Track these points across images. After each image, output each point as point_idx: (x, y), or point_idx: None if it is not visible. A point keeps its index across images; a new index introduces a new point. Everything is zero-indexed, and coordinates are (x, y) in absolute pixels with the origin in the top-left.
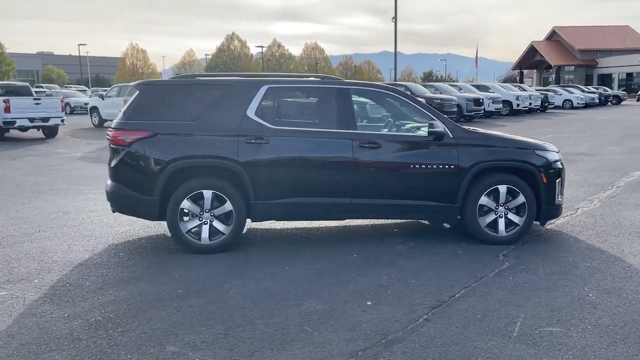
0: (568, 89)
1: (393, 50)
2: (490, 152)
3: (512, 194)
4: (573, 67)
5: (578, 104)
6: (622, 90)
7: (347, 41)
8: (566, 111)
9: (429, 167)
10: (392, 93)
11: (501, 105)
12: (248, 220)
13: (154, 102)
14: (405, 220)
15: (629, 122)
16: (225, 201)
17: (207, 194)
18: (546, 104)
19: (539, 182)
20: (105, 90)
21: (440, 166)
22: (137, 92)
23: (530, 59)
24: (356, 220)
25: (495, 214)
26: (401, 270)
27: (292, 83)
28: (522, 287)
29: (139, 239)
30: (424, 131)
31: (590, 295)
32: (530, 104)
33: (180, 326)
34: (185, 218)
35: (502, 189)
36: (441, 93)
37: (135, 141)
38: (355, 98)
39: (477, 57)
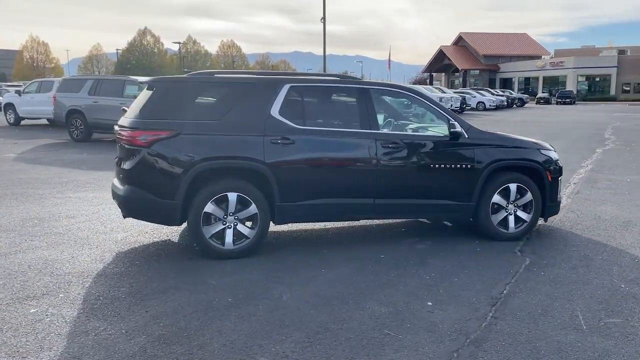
0: (480, 92)
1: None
2: (501, 151)
3: (520, 192)
4: (478, 71)
5: (490, 105)
6: (522, 94)
7: (258, 40)
8: (481, 112)
9: (448, 167)
10: (409, 93)
11: None
12: None
13: (174, 100)
14: (407, 220)
15: (544, 124)
16: (250, 204)
17: (232, 196)
18: (464, 106)
19: (545, 180)
20: (20, 85)
21: (458, 165)
22: (154, 89)
23: (439, 63)
24: (353, 221)
25: (506, 212)
26: (438, 269)
27: (314, 82)
28: (559, 282)
29: (145, 245)
30: (434, 131)
31: (622, 286)
32: (451, 105)
33: (257, 336)
34: (209, 222)
35: (513, 187)
36: None
37: (155, 141)
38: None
39: (389, 60)
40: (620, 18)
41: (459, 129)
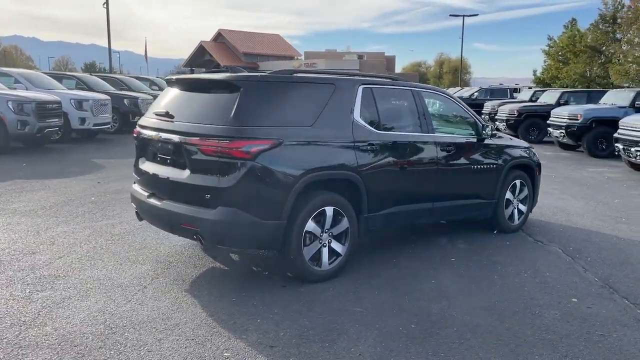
0: None
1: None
2: (511, 151)
3: (521, 188)
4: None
5: None
6: None
7: None
8: None
9: (482, 167)
10: (446, 96)
11: None
12: None
13: (267, 103)
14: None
15: None
16: (343, 218)
17: (329, 211)
18: None
19: (536, 176)
20: None
21: (488, 165)
22: (241, 89)
23: (201, 58)
24: None
25: (513, 206)
26: (516, 267)
27: (380, 84)
28: (625, 266)
29: (196, 265)
30: (464, 133)
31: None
32: None
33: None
34: (307, 242)
35: (517, 183)
36: (159, 88)
37: (261, 152)
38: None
39: (146, 52)
40: (340, 26)
41: (488, 130)
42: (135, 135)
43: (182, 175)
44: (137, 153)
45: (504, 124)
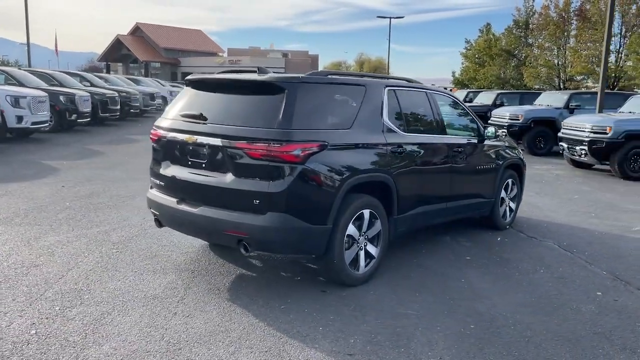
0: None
1: None
2: (506, 151)
3: (512, 187)
4: (159, 63)
5: None
6: None
7: None
8: None
9: (485, 167)
10: (451, 97)
11: (161, 100)
12: None
13: (311, 105)
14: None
15: None
16: (376, 220)
17: (366, 214)
18: None
19: (523, 174)
20: None
21: (489, 165)
22: (287, 91)
23: (117, 52)
24: None
25: (505, 204)
26: (529, 264)
27: (401, 85)
28: (620, 259)
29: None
30: (466, 134)
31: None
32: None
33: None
34: (347, 246)
35: (510, 182)
36: (91, 85)
37: (310, 156)
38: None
39: (57, 46)
40: (259, 23)
41: (489, 132)
42: (154, 137)
43: (224, 180)
44: (158, 157)
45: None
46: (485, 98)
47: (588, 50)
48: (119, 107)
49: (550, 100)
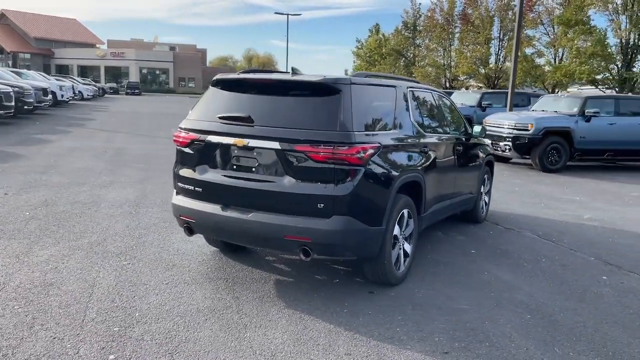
0: (74, 79)
1: None
2: (485, 148)
3: (487, 181)
4: (29, 54)
5: (88, 95)
6: (111, 83)
7: None
8: (83, 102)
9: (474, 164)
10: (444, 95)
11: (50, 95)
12: None
13: (363, 106)
14: None
15: (172, 115)
16: (410, 219)
17: (406, 213)
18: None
19: (493, 169)
20: None
21: (477, 162)
22: (342, 92)
23: None
24: None
25: (482, 199)
26: (529, 254)
27: (417, 87)
28: (595, 245)
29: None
30: (461, 132)
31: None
32: (74, 94)
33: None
34: (392, 246)
35: (486, 177)
36: None
37: (370, 157)
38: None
39: None
40: (136, 14)
41: (476, 130)
42: (184, 141)
43: (282, 184)
44: (189, 161)
45: None
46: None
47: (472, 52)
48: (13, 103)
49: (463, 99)
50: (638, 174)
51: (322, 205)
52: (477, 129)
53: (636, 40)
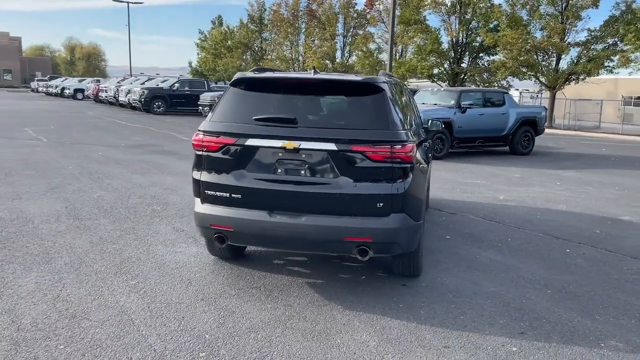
0: None
1: None
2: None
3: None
4: None
5: None
6: None
7: None
8: None
9: (429, 155)
10: (409, 89)
11: None
12: None
13: (399, 105)
14: None
15: (19, 112)
16: None
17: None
18: None
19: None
20: None
21: (430, 153)
22: (384, 91)
23: None
24: None
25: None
26: (500, 237)
27: (395, 82)
28: (532, 223)
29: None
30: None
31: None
32: None
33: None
34: None
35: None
36: None
37: (415, 155)
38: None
39: None
40: None
41: (430, 122)
42: (215, 146)
43: (339, 185)
44: (222, 167)
45: None
46: None
47: (321, 47)
48: None
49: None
50: (502, 158)
51: (381, 204)
52: (430, 121)
53: (464, 39)
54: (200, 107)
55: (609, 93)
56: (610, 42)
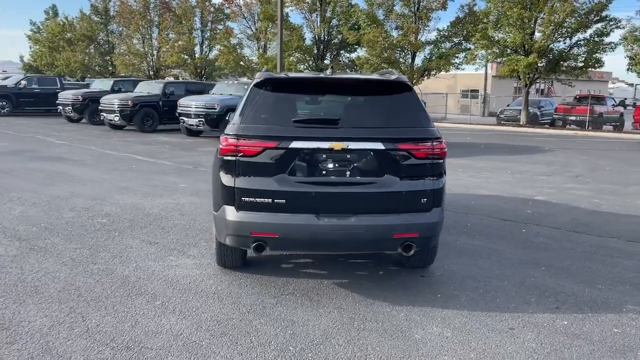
0: None
1: None
2: None
3: None
4: None
5: None
6: None
7: None
8: None
9: None
10: None
11: None
12: None
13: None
14: None
15: None
16: None
17: None
18: None
19: None
20: None
21: None
22: (412, 90)
23: None
24: None
25: None
26: (494, 231)
27: None
28: (502, 212)
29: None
30: None
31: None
32: None
33: None
34: None
35: None
36: None
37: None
38: None
39: None
40: None
41: None
42: (254, 149)
43: (385, 184)
44: (259, 172)
45: (118, 115)
46: (103, 85)
47: (178, 41)
48: None
49: (148, 88)
50: None
51: (425, 200)
52: None
53: (325, 36)
54: (61, 107)
55: (449, 87)
56: (456, 41)
